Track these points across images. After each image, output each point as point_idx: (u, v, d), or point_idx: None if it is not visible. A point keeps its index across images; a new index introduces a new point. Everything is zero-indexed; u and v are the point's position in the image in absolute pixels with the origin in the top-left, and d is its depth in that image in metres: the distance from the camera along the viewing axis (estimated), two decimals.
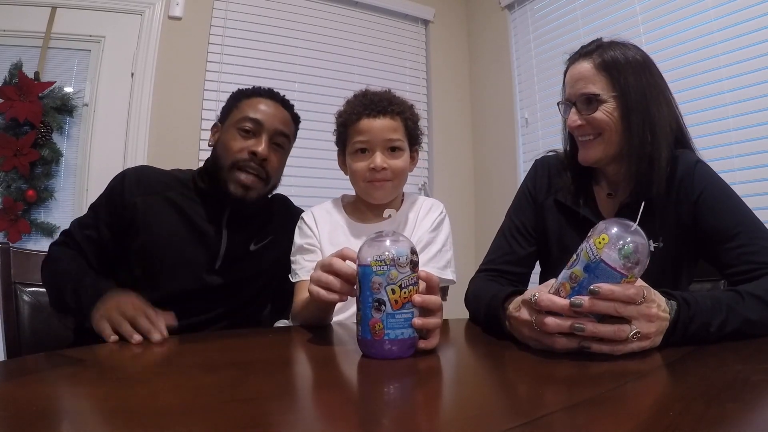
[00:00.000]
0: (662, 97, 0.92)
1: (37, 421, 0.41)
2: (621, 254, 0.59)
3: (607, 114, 0.89)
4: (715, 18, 1.83)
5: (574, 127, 0.93)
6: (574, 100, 0.92)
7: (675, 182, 0.90)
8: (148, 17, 2.22)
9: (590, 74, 0.90)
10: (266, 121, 1.08)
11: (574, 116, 0.92)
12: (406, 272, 0.63)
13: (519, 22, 2.71)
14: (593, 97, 0.89)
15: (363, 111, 1.06)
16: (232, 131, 1.08)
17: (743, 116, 1.74)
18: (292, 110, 1.17)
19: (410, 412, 0.46)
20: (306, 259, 1.08)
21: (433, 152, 2.81)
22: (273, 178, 1.12)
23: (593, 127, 0.91)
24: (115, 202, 1.07)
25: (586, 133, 0.92)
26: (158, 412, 0.44)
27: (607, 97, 0.89)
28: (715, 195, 0.88)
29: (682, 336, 0.64)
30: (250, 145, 1.06)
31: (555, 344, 0.62)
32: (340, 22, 2.67)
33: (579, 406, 0.44)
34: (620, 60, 0.89)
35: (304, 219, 1.14)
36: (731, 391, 0.48)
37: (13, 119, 1.90)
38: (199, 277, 1.05)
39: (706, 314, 0.65)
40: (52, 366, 0.67)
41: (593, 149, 0.92)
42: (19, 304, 1.10)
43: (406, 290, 0.63)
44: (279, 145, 1.11)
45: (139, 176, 1.10)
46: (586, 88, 0.90)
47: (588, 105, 0.90)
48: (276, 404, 0.48)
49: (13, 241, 1.86)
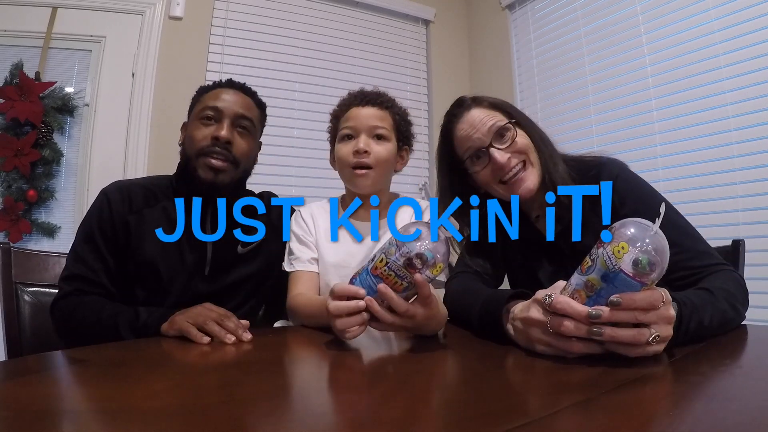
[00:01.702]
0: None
1: (37, 421, 0.41)
2: (641, 265, 0.55)
3: (522, 136, 0.95)
4: (715, 18, 1.83)
5: (505, 163, 0.93)
6: (488, 142, 0.94)
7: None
8: (148, 17, 2.22)
9: (487, 114, 0.96)
10: (226, 108, 1.08)
11: (497, 154, 0.93)
12: (398, 260, 0.67)
13: (519, 22, 2.70)
14: (506, 126, 0.94)
15: (353, 102, 1.12)
16: (195, 123, 1.08)
17: (743, 116, 1.74)
18: (254, 96, 1.16)
19: (410, 412, 0.46)
20: (302, 251, 1.10)
21: (433, 152, 2.80)
22: (242, 162, 1.09)
23: (520, 154, 0.94)
24: (106, 226, 1.03)
25: (513, 167, 0.93)
26: (158, 412, 0.44)
27: (512, 125, 0.95)
28: (632, 199, 0.89)
29: (684, 335, 0.63)
30: (212, 131, 1.06)
31: (571, 348, 0.59)
32: (340, 22, 2.67)
33: (578, 406, 0.44)
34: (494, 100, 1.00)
35: (301, 213, 1.16)
36: (731, 391, 0.48)
37: (13, 119, 1.91)
38: (191, 285, 1.05)
39: (699, 312, 0.66)
40: (52, 366, 0.67)
41: (530, 177, 0.94)
42: (19, 304, 1.10)
43: (391, 272, 0.67)
44: (244, 128, 1.10)
45: (122, 194, 1.06)
46: (495, 124, 0.94)
47: (503, 137, 0.94)
48: (275, 404, 0.48)
49: (14, 241, 1.86)
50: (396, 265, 0.67)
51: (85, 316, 0.95)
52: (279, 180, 2.33)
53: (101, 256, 1.02)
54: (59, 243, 1.95)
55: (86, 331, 0.94)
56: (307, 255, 1.10)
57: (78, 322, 0.95)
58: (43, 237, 1.95)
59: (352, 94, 1.15)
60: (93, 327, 0.93)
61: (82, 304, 0.97)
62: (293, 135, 2.43)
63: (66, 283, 1.00)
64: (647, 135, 2.04)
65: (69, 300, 0.98)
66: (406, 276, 0.67)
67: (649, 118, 2.03)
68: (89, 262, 1.02)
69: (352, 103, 1.12)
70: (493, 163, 0.93)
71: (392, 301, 0.67)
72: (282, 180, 2.35)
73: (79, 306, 0.97)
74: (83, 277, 1.00)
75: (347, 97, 1.15)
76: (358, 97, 1.12)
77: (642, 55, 2.08)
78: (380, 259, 0.69)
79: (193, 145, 1.07)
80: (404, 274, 0.67)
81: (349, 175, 1.11)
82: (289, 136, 2.43)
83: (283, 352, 0.81)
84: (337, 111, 1.15)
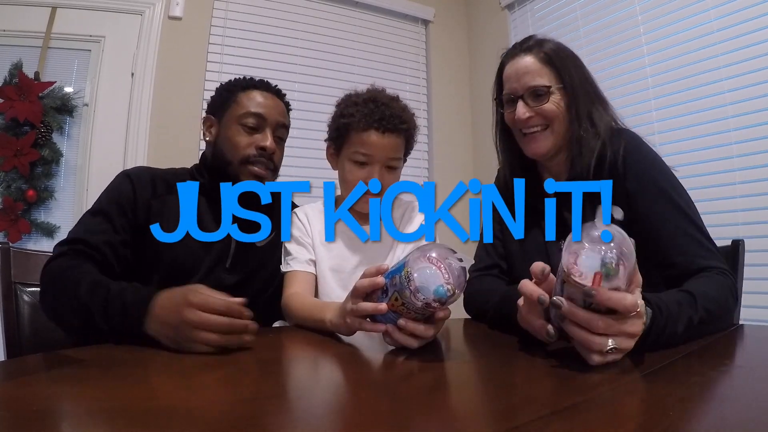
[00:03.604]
0: (596, 88, 0.98)
1: (37, 421, 0.41)
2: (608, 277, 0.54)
3: (556, 104, 0.93)
4: (715, 18, 1.83)
5: (523, 120, 0.94)
6: (521, 93, 0.95)
7: (605, 166, 0.90)
8: (148, 17, 2.22)
9: (536, 68, 0.94)
10: (268, 115, 1.10)
11: (522, 109, 0.94)
12: (416, 303, 0.63)
13: (519, 22, 2.70)
14: (543, 88, 0.93)
15: (372, 123, 1.04)
16: (235, 127, 1.08)
17: (743, 116, 1.74)
18: (284, 99, 1.20)
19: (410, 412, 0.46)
20: (300, 252, 1.10)
21: (433, 152, 2.81)
22: (278, 169, 1.15)
23: (543, 119, 0.94)
24: (127, 205, 1.00)
25: (533, 125, 0.95)
26: (158, 412, 0.44)
27: (555, 89, 0.93)
28: (645, 180, 0.88)
29: (653, 343, 0.63)
30: (257, 141, 1.08)
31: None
32: (340, 22, 2.67)
33: (578, 406, 0.44)
34: (560, 54, 0.95)
35: (297, 215, 1.16)
36: (731, 391, 0.48)
37: (13, 119, 1.90)
38: (215, 277, 1.03)
39: (673, 321, 0.65)
40: (52, 366, 0.67)
41: (543, 141, 0.95)
42: (19, 304, 1.09)
43: (408, 311, 0.64)
44: (280, 138, 1.14)
45: (146, 177, 1.05)
46: (534, 81, 0.93)
47: (537, 97, 0.94)
48: (276, 404, 0.48)
49: (13, 241, 1.86)
50: (414, 306, 0.64)
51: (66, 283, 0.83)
52: (279, 179, 2.33)
53: (112, 227, 0.97)
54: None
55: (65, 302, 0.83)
56: (305, 256, 1.10)
57: (61, 287, 0.84)
58: (42, 237, 1.95)
59: (369, 107, 1.06)
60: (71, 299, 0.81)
61: (72, 267, 0.87)
62: (293, 134, 2.41)
63: (62, 246, 0.92)
64: (647, 135, 2.03)
65: (60, 261, 0.89)
66: (426, 312, 0.65)
67: (648, 118, 2.03)
68: (92, 227, 0.96)
69: (370, 124, 1.04)
70: (516, 113, 0.95)
71: (415, 331, 0.66)
72: (282, 180, 2.34)
73: (69, 269, 0.86)
74: (83, 240, 0.93)
75: (364, 109, 1.06)
76: (377, 118, 1.04)
77: (641, 55, 2.08)
78: (395, 297, 0.65)
79: (235, 152, 1.07)
80: (423, 312, 0.65)
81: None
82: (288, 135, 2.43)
83: (282, 352, 0.81)
84: (351, 123, 1.06)
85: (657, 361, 0.60)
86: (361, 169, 1.07)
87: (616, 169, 0.89)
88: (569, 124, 0.94)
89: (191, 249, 1.03)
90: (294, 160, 2.39)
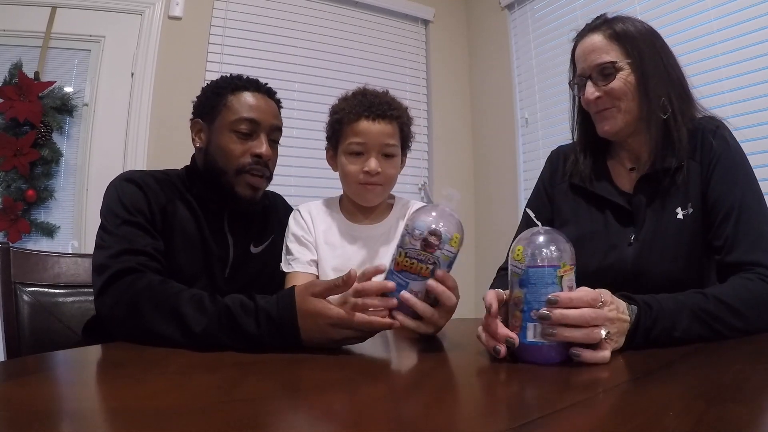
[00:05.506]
0: (673, 62, 0.93)
1: (37, 421, 0.41)
2: (540, 253, 0.60)
3: (624, 82, 0.89)
4: (715, 18, 1.83)
5: (592, 100, 0.92)
6: (589, 73, 0.92)
7: (698, 145, 0.88)
8: (148, 17, 2.22)
9: (603, 45, 0.91)
10: (262, 120, 1.04)
11: (591, 89, 0.92)
12: (415, 245, 0.67)
13: (519, 22, 2.70)
14: (609, 65, 0.90)
15: (362, 112, 1.05)
16: (227, 134, 1.03)
17: (743, 116, 1.74)
18: (275, 97, 1.12)
19: (410, 412, 0.46)
20: (301, 252, 1.09)
21: (432, 152, 2.81)
22: (272, 175, 1.10)
23: (611, 98, 0.91)
24: (145, 209, 0.95)
25: (603, 105, 0.92)
26: (158, 412, 0.44)
27: (623, 65, 0.89)
28: (726, 166, 0.86)
29: (644, 339, 0.63)
30: (252, 148, 1.03)
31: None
32: (340, 22, 2.67)
33: (578, 406, 0.44)
34: (630, 29, 0.91)
35: (300, 212, 1.14)
36: (731, 391, 0.48)
37: (13, 119, 1.90)
38: (215, 286, 1.01)
39: (668, 318, 0.65)
40: (52, 366, 0.67)
41: (612, 120, 0.92)
42: (19, 304, 1.09)
43: (413, 260, 0.68)
44: (274, 141, 1.09)
45: (151, 182, 1.00)
46: (600, 59, 0.90)
47: (604, 75, 0.90)
48: (276, 404, 0.48)
49: (13, 241, 1.86)
50: (414, 251, 0.67)
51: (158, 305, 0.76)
52: (278, 180, 2.29)
53: (150, 233, 0.92)
54: (58, 243, 1.96)
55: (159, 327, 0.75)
56: (307, 257, 1.09)
57: (166, 308, 0.75)
58: (42, 237, 1.95)
59: (358, 98, 1.08)
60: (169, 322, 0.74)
61: (153, 287, 0.80)
62: (293, 135, 2.43)
63: (116, 260, 0.83)
64: None
65: (131, 278, 0.81)
66: (429, 257, 0.67)
67: None
68: (136, 239, 0.89)
69: (361, 113, 1.05)
70: (585, 94, 0.93)
71: (416, 307, 0.68)
72: (281, 180, 2.35)
73: (149, 288, 0.79)
74: (140, 251, 0.86)
75: (354, 101, 1.07)
76: (367, 106, 1.05)
77: None
78: (398, 253, 0.69)
79: (230, 161, 1.02)
80: (426, 257, 0.67)
81: (356, 190, 1.09)
82: (288, 135, 2.40)
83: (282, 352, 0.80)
84: (342, 116, 1.07)
85: (657, 361, 0.60)
86: (357, 159, 1.07)
87: (707, 153, 0.87)
88: (641, 101, 0.89)
89: (193, 257, 1.02)
90: (294, 161, 2.39)
